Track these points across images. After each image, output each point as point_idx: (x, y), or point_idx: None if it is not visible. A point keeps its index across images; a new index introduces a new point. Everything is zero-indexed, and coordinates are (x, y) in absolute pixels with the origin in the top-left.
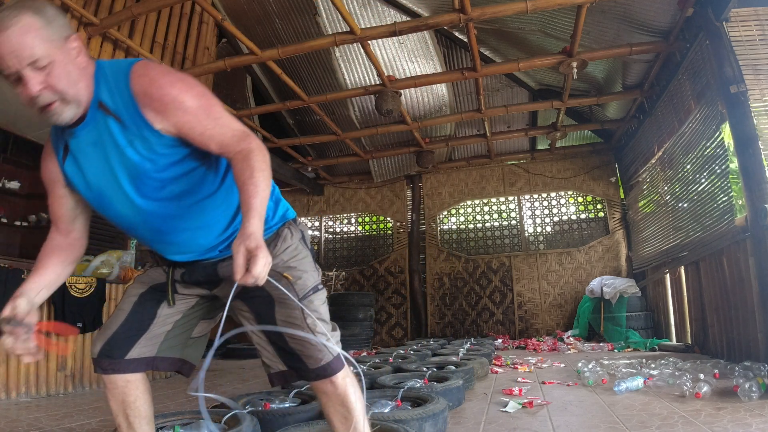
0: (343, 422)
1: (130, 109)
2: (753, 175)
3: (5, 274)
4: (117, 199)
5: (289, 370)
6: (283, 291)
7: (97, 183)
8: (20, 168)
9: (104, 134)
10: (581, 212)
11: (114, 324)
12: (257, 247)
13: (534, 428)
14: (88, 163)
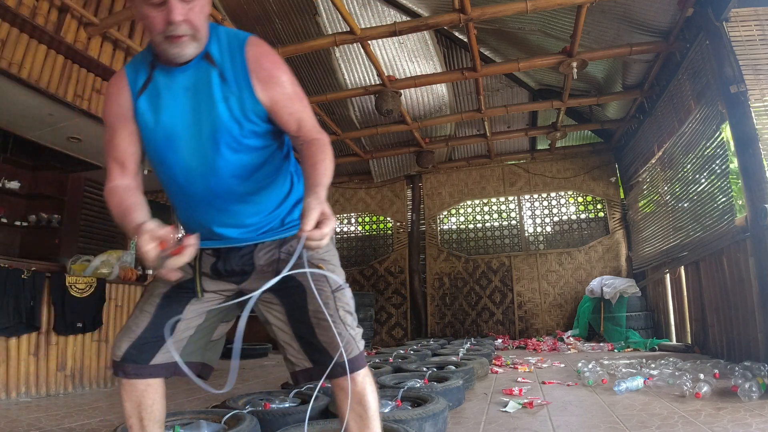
0: (357, 420)
1: (239, 69)
2: (753, 175)
3: (5, 274)
4: (189, 146)
5: (314, 367)
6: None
7: (172, 125)
8: (20, 168)
9: (202, 83)
10: (581, 212)
11: (138, 327)
12: (329, 213)
13: (534, 428)
14: (173, 104)
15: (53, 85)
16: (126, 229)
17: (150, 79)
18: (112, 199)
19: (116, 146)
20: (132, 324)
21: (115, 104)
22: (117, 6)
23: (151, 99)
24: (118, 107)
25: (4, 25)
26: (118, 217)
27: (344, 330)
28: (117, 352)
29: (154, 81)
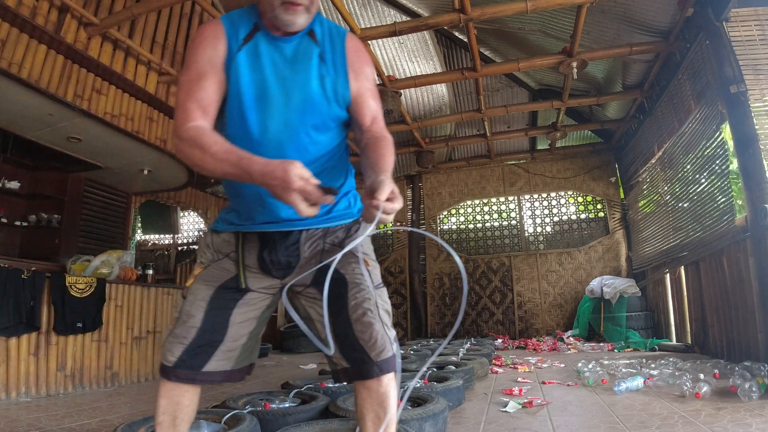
0: (375, 421)
1: (338, 55)
2: (753, 175)
3: (5, 274)
4: (276, 111)
5: (351, 367)
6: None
7: (265, 86)
8: (20, 168)
9: (302, 56)
10: (581, 212)
11: (189, 333)
12: (398, 192)
13: (534, 428)
14: (270, 69)
15: (53, 85)
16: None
17: (251, 38)
18: (207, 138)
19: (203, 89)
20: (182, 330)
21: (210, 48)
22: (117, 6)
23: (250, 57)
24: (213, 51)
25: (4, 25)
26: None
27: (381, 328)
28: (170, 357)
29: (255, 41)
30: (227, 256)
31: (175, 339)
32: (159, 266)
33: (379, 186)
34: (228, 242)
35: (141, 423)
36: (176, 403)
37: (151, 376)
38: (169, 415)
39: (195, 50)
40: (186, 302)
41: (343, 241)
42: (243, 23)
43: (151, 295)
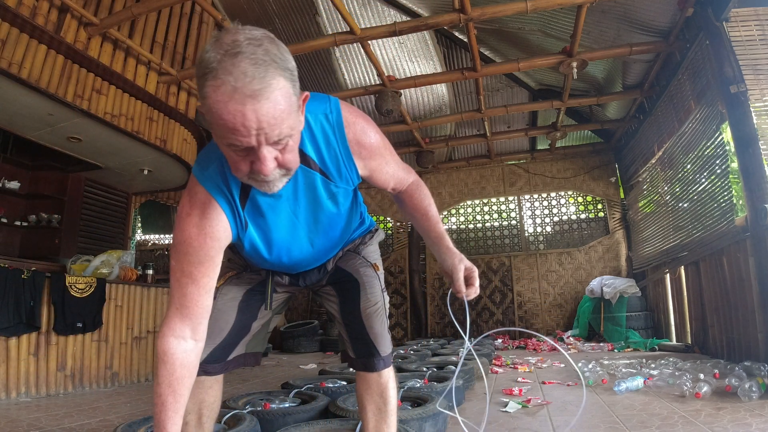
0: (376, 413)
1: (344, 160)
2: (753, 175)
3: (5, 274)
4: (297, 246)
5: (357, 359)
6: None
7: (280, 237)
8: (20, 168)
9: (306, 189)
10: (581, 212)
11: (222, 331)
12: (473, 267)
13: (534, 428)
14: (278, 221)
15: (53, 85)
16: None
17: (246, 198)
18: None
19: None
20: (214, 328)
21: (209, 239)
22: (117, 6)
23: (255, 221)
24: (213, 242)
25: (4, 25)
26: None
27: (385, 329)
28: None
29: (252, 201)
30: (257, 273)
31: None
32: (159, 266)
33: (453, 275)
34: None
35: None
36: (201, 401)
37: (151, 376)
38: (195, 414)
39: (190, 241)
40: (217, 301)
41: (358, 247)
42: (230, 182)
43: (151, 295)
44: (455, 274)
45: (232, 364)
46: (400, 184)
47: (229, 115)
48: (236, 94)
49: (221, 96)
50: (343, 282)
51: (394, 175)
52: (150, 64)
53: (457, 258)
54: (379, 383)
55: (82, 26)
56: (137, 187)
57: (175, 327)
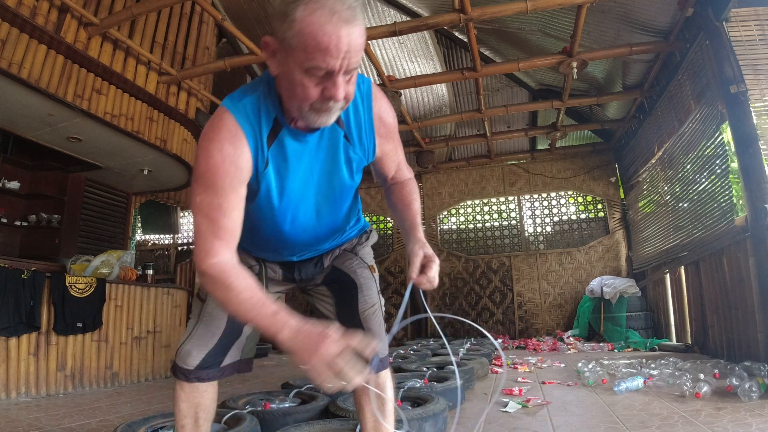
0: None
1: (364, 128)
2: (753, 175)
3: (5, 274)
4: (307, 207)
5: None
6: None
7: (296, 191)
8: (20, 168)
9: (331, 146)
10: (581, 212)
11: (214, 336)
12: (432, 254)
13: (534, 428)
14: (299, 170)
15: (53, 85)
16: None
17: (274, 138)
18: (235, 281)
19: (226, 215)
20: (204, 333)
21: (233, 166)
22: (117, 6)
23: (277, 163)
24: (237, 171)
25: (4, 25)
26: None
27: (382, 330)
28: (190, 361)
29: (279, 141)
30: (249, 267)
31: (198, 343)
32: (159, 266)
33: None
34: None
35: (141, 423)
36: (197, 404)
37: (151, 376)
38: (191, 418)
39: (215, 169)
40: (208, 305)
41: (355, 247)
42: (262, 118)
43: (151, 295)
44: (413, 259)
45: (228, 371)
46: (400, 174)
47: (324, 36)
48: (334, 17)
49: (318, 18)
50: (340, 282)
51: (400, 164)
52: (150, 64)
53: (419, 245)
54: (377, 384)
55: (82, 26)
56: (137, 187)
57: (219, 250)
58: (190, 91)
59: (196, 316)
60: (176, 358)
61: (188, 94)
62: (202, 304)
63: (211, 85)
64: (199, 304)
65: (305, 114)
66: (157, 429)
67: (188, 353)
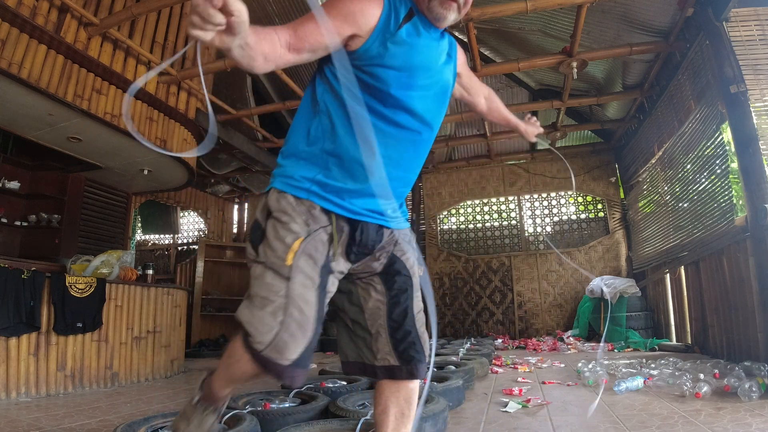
0: (398, 416)
1: (453, 59)
2: (753, 175)
3: (5, 274)
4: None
5: (402, 365)
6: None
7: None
8: (20, 168)
9: (444, 49)
10: (581, 212)
11: (309, 322)
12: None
13: (534, 428)
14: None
15: (53, 85)
16: None
17: (409, 19)
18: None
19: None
20: (301, 319)
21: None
22: (117, 6)
23: (411, 37)
24: (363, 17)
25: (4, 25)
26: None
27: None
28: (288, 354)
29: (414, 23)
30: (322, 229)
31: (297, 331)
32: (159, 266)
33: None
34: (318, 216)
35: (141, 423)
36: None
37: (151, 376)
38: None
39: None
40: (295, 284)
41: (410, 239)
42: (402, 2)
43: (151, 295)
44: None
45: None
46: (484, 88)
47: None
48: None
49: None
50: (394, 275)
51: (480, 84)
52: (150, 64)
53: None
54: (408, 389)
55: (82, 26)
56: (137, 187)
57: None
58: (190, 91)
59: (282, 298)
60: (266, 351)
61: (188, 94)
62: (286, 282)
63: (211, 85)
64: (282, 282)
65: (432, 4)
66: (157, 429)
67: (285, 345)
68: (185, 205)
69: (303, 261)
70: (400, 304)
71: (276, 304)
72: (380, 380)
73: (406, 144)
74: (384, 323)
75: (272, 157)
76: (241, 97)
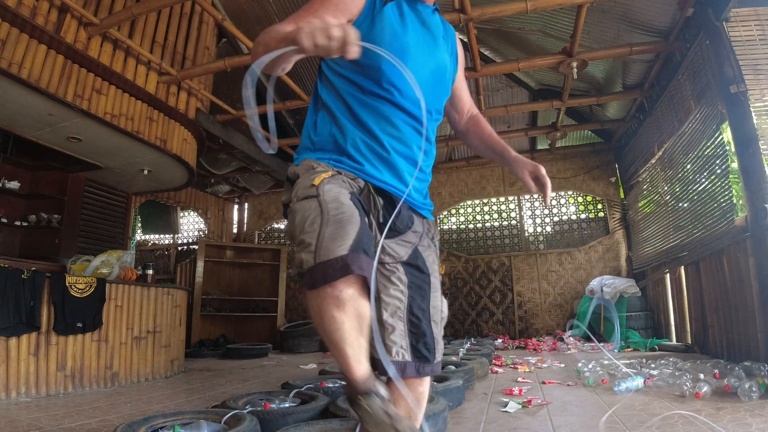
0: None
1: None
2: (753, 175)
3: (5, 274)
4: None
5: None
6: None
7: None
8: (20, 168)
9: (434, 28)
10: (581, 212)
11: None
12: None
13: (534, 428)
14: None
15: (53, 85)
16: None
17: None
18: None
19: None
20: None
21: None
22: (117, 6)
23: (395, 14)
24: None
25: (4, 25)
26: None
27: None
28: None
29: (398, 3)
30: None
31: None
32: (159, 266)
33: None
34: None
35: (141, 423)
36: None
37: (151, 376)
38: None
39: None
40: (325, 193)
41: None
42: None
43: (151, 295)
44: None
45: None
46: (472, 107)
47: None
48: None
49: None
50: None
51: (469, 98)
52: (150, 64)
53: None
54: (417, 392)
55: (82, 26)
56: (137, 187)
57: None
58: (190, 91)
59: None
60: (318, 258)
61: (188, 94)
62: (316, 198)
63: (211, 85)
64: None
65: None
66: (157, 429)
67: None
68: (185, 205)
69: (330, 184)
70: (418, 302)
71: (311, 217)
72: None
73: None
74: (403, 316)
75: (272, 157)
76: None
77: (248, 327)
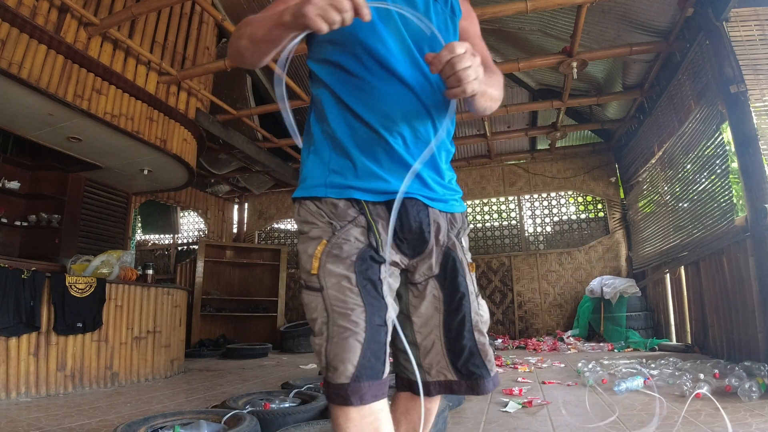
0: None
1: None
2: (753, 175)
3: (5, 274)
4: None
5: (463, 380)
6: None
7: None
8: (20, 168)
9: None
10: (581, 212)
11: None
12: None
13: (534, 428)
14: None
15: (53, 85)
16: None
17: None
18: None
19: None
20: (347, 324)
21: None
22: (117, 6)
23: None
24: None
25: (4, 25)
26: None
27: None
28: (343, 369)
29: None
30: (351, 223)
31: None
32: (159, 266)
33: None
34: (342, 210)
35: (141, 423)
36: (373, 428)
37: (151, 376)
38: None
39: None
40: (328, 290)
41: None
42: None
43: (151, 295)
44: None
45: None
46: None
47: None
48: None
49: None
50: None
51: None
52: (150, 64)
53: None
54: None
55: (82, 26)
56: (137, 187)
57: None
58: (190, 91)
59: (322, 312)
60: (326, 373)
61: (188, 94)
62: (320, 293)
63: (211, 85)
64: (317, 295)
65: None
66: (157, 429)
67: (335, 358)
68: (185, 205)
69: (329, 264)
70: (458, 312)
71: (320, 321)
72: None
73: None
74: (439, 334)
75: (272, 157)
76: (241, 96)
77: (248, 327)
